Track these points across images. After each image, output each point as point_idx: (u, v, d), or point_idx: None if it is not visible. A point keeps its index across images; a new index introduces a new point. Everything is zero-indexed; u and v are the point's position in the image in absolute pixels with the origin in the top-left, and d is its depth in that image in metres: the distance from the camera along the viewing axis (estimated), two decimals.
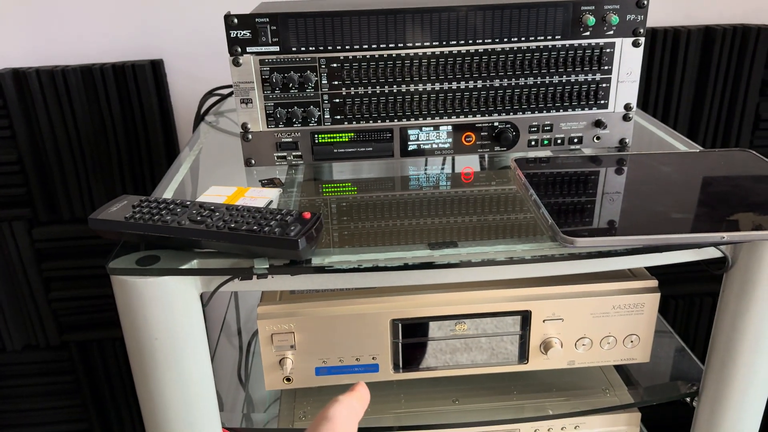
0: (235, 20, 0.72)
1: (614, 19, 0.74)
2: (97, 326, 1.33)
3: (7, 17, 1.15)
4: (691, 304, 1.40)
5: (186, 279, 0.58)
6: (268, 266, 0.58)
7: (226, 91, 1.09)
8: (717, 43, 1.22)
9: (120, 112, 1.18)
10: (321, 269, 0.58)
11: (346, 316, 0.69)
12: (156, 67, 1.17)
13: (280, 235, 0.56)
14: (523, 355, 0.73)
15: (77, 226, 1.24)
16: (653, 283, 0.71)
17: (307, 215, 0.60)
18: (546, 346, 0.72)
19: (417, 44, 0.75)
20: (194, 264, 0.58)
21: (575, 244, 0.58)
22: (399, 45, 0.75)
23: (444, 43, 0.75)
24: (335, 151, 0.80)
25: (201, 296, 0.62)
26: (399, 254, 0.59)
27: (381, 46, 0.75)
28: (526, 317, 0.70)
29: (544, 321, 0.71)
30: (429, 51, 0.75)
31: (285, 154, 0.80)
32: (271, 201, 0.70)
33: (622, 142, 0.81)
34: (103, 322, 1.33)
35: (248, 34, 0.73)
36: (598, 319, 0.71)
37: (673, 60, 1.23)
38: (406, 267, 0.58)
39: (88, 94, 1.16)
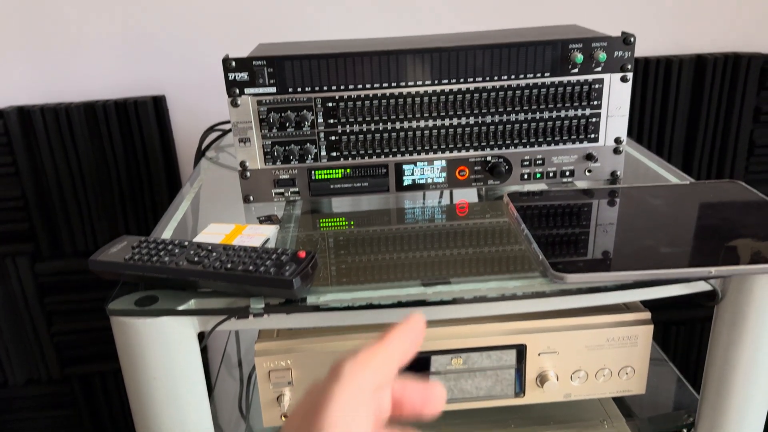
0: (233, 63, 0.74)
1: (602, 56, 0.76)
2: (98, 359, 1.34)
3: (12, 56, 1.18)
4: (692, 330, 1.41)
5: (183, 319, 0.60)
6: (263, 305, 0.59)
7: (226, 127, 1.11)
8: (709, 72, 1.24)
9: (122, 147, 1.20)
10: (316, 308, 0.59)
11: (343, 352, 0.69)
12: (158, 103, 1.20)
13: (275, 275, 0.57)
14: (520, 389, 0.73)
15: (80, 261, 1.26)
16: (646, 315, 0.72)
17: (302, 254, 0.61)
18: (542, 379, 0.72)
19: (410, 83, 0.77)
20: (191, 304, 0.59)
21: (565, 280, 0.59)
22: (392, 84, 0.77)
23: (437, 81, 0.77)
24: (332, 186, 0.81)
25: (199, 335, 0.63)
26: (393, 292, 0.60)
27: (375, 85, 0.77)
28: (521, 351, 0.71)
29: (539, 354, 0.71)
30: (422, 89, 0.77)
31: (282, 190, 0.81)
32: (268, 239, 0.71)
33: (613, 174, 0.82)
34: (104, 354, 1.33)
35: (246, 77, 0.75)
36: (592, 352, 0.72)
37: (666, 89, 1.25)
38: (399, 305, 0.59)
39: (91, 130, 1.18)
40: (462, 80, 0.77)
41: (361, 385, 0.28)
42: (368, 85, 0.77)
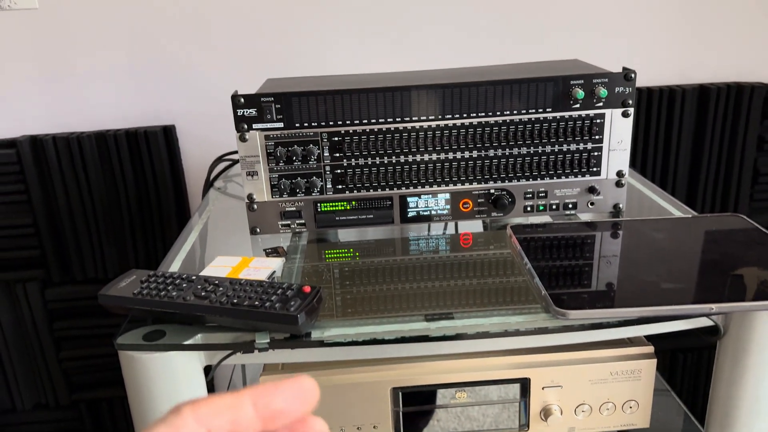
0: (242, 99, 0.76)
1: (603, 92, 0.77)
2: (106, 385, 1.35)
3: (25, 86, 1.21)
4: (699, 358, 1.40)
5: (190, 353, 0.61)
6: (268, 340, 0.60)
7: (235, 157, 1.13)
8: (712, 102, 1.25)
9: (132, 176, 1.22)
10: (320, 343, 0.60)
11: (347, 385, 0.70)
12: (168, 133, 1.22)
13: (280, 310, 0.58)
14: (524, 422, 0.73)
15: (89, 287, 1.27)
16: (649, 349, 0.72)
17: (307, 289, 0.62)
18: (546, 413, 0.72)
19: (415, 118, 0.78)
20: (198, 339, 0.60)
21: (568, 316, 0.60)
22: (397, 119, 0.78)
23: (441, 116, 0.78)
24: (337, 218, 0.83)
25: (205, 367, 0.63)
26: (396, 327, 0.61)
27: (380, 120, 0.78)
28: (525, 384, 0.71)
29: (543, 388, 0.72)
30: (426, 124, 0.78)
31: (289, 222, 0.83)
32: (275, 271, 0.72)
33: (616, 207, 0.83)
34: (112, 380, 1.34)
35: (254, 112, 0.77)
36: (596, 386, 0.72)
37: (669, 118, 1.26)
38: (403, 340, 0.60)
39: (102, 159, 1.20)
40: (465, 115, 0.78)
41: (184, 423, 0.26)
42: (373, 120, 0.78)
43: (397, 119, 0.78)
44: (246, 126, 0.77)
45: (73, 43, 1.19)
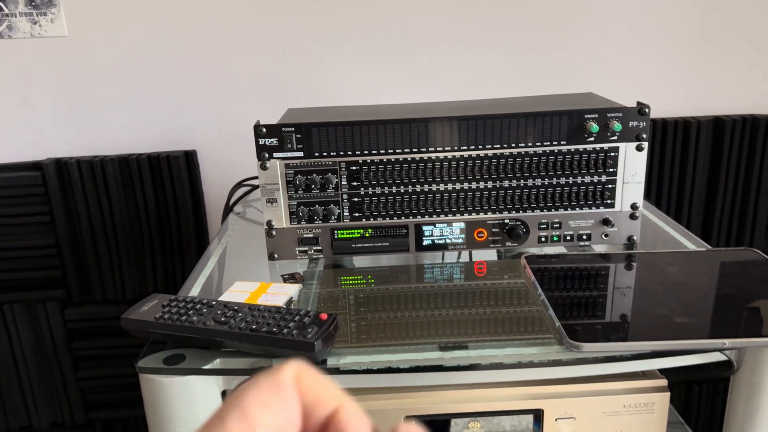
0: (264, 129, 0.78)
1: (617, 126, 0.78)
2: (122, 405, 1.36)
3: (52, 110, 1.24)
4: (714, 390, 1.38)
5: (209, 377, 0.62)
6: None
7: (254, 182, 1.15)
8: (727, 134, 1.26)
9: (154, 199, 1.24)
10: (336, 370, 0.61)
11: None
12: (189, 158, 1.24)
13: (297, 337, 0.60)
14: None
15: (108, 307, 1.29)
16: (663, 382, 0.72)
17: (324, 316, 0.63)
18: None
19: (431, 149, 0.80)
20: (217, 363, 0.61)
21: (582, 349, 0.60)
22: (414, 150, 0.80)
23: (457, 147, 0.80)
24: (353, 246, 0.84)
25: (223, 392, 0.65)
26: (410, 356, 0.62)
27: (397, 150, 0.80)
28: (538, 416, 0.72)
29: (556, 420, 0.72)
30: (442, 155, 0.80)
31: (306, 248, 0.84)
32: (292, 297, 0.74)
33: (630, 239, 0.83)
34: (128, 400, 1.35)
35: (275, 142, 0.79)
36: (609, 418, 0.72)
37: (684, 150, 1.27)
38: (417, 369, 0.61)
39: (125, 182, 1.23)
40: (481, 146, 0.80)
41: (285, 385, 0.25)
42: (390, 150, 0.80)
43: (414, 150, 0.80)
44: (267, 155, 0.79)
45: (100, 70, 1.23)
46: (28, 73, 1.22)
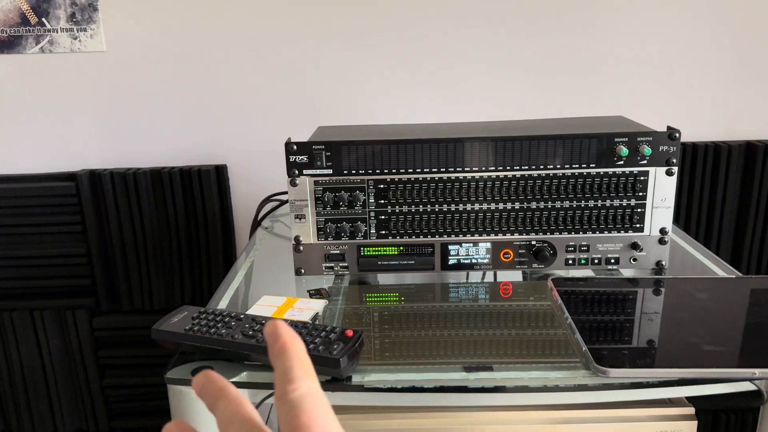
0: (295, 146, 0.80)
1: (647, 150, 0.78)
2: (145, 414, 1.37)
3: (87, 124, 1.28)
4: (743, 420, 1.35)
5: None
6: None
7: (282, 197, 1.16)
8: (759, 158, 1.24)
9: (184, 212, 1.27)
10: (360, 387, 0.62)
11: (384, 431, 0.71)
12: (220, 172, 1.27)
13: (323, 353, 0.60)
14: None
15: (135, 317, 1.31)
16: (690, 410, 0.71)
17: (350, 333, 0.63)
18: None
19: (459, 169, 0.80)
20: (244, 376, 0.62)
21: (609, 374, 0.60)
22: (441, 169, 0.80)
23: (485, 168, 0.80)
24: (379, 263, 0.85)
25: None
26: (435, 375, 0.62)
27: (425, 170, 0.81)
28: None
29: None
30: (470, 175, 0.80)
31: (332, 264, 0.85)
32: (318, 313, 0.75)
33: (658, 264, 0.83)
34: (151, 410, 1.37)
35: (305, 159, 0.80)
36: None
37: (715, 175, 1.25)
38: (441, 389, 0.61)
39: (156, 195, 1.26)
40: (509, 167, 0.80)
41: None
42: (418, 170, 0.81)
43: (442, 169, 0.81)
44: (297, 171, 0.81)
45: (135, 84, 1.26)
46: (66, 87, 1.26)
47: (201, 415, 0.62)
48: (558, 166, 0.80)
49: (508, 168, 0.80)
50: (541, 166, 0.80)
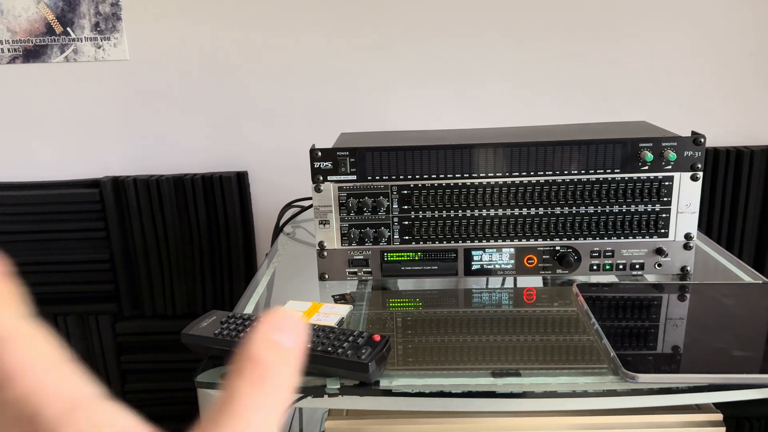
0: (319, 153, 0.80)
1: (672, 155, 0.78)
2: (168, 419, 1.38)
3: (111, 131, 1.29)
4: (767, 428, 1.34)
5: None
6: (339, 386, 0.62)
7: (305, 203, 1.17)
8: None
9: (206, 218, 1.28)
10: (388, 392, 0.62)
11: None
12: (241, 179, 1.28)
13: (351, 358, 0.61)
14: None
15: (158, 322, 1.33)
16: (717, 416, 0.71)
17: (377, 338, 0.64)
18: None
19: (482, 174, 0.81)
20: None
21: (637, 380, 0.60)
22: (465, 175, 0.81)
23: (508, 173, 0.80)
24: (402, 268, 0.85)
25: None
26: (462, 380, 0.62)
27: (448, 175, 0.81)
28: None
29: None
30: (493, 180, 0.81)
31: (356, 270, 0.85)
32: (343, 318, 0.75)
33: (683, 269, 0.82)
34: (174, 414, 1.37)
35: (330, 165, 0.81)
36: None
37: (737, 180, 1.25)
38: (469, 394, 0.61)
39: (178, 201, 1.27)
40: (532, 173, 0.80)
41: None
42: (441, 175, 0.81)
43: (465, 175, 0.81)
44: (321, 177, 0.81)
45: (158, 92, 1.27)
46: (90, 95, 1.28)
47: None
48: (582, 172, 0.80)
49: (531, 173, 0.80)
50: (566, 172, 0.80)
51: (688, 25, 1.23)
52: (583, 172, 0.80)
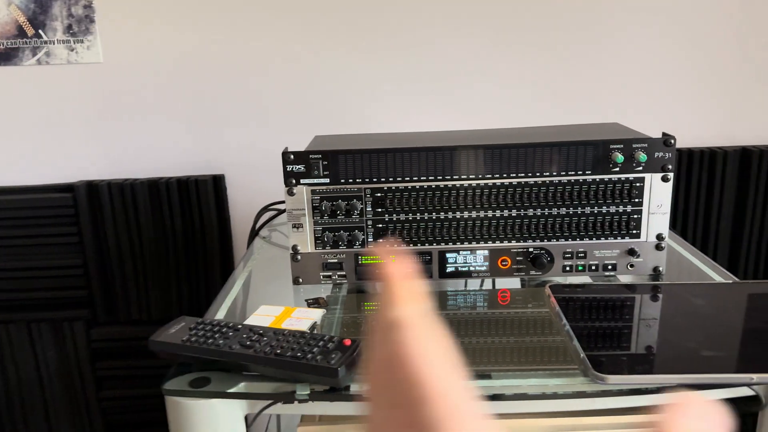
0: (292, 156, 0.80)
1: (642, 157, 0.78)
2: (143, 426, 1.37)
3: (85, 135, 1.28)
4: (743, 427, 1.35)
5: (233, 401, 0.62)
6: (309, 392, 0.61)
7: (282, 206, 1.16)
8: (754, 164, 1.25)
9: (181, 222, 1.26)
10: (359, 396, 0.61)
11: None
12: (217, 182, 1.27)
13: (321, 363, 0.60)
14: None
15: (133, 328, 1.31)
16: None
17: (348, 342, 0.63)
18: None
19: (455, 176, 0.81)
20: (241, 387, 0.62)
21: (607, 381, 0.60)
22: (438, 177, 0.81)
23: (481, 176, 0.80)
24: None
25: (245, 417, 0.65)
26: None
27: (422, 178, 0.81)
28: None
29: None
30: (467, 182, 0.81)
31: (330, 273, 0.85)
32: (316, 322, 0.74)
33: (655, 270, 0.83)
34: (149, 421, 1.36)
35: (302, 168, 0.80)
36: None
37: (711, 180, 1.26)
38: None
39: (153, 205, 1.26)
40: (506, 175, 0.80)
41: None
42: (415, 178, 0.81)
43: (439, 177, 0.81)
44: (294, 181, 0.81)
45: (132, 95, 1.26)
46: (63, 98, 1.26)
47: (197, 427, 0.62)
48: (554, 174, 0.80)
49: (504, 175, 0.80)
50: (538, 174, 0.80)
51: (662, 27, 1.24)
52: (555, 174, 0.80)
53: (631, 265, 0.83)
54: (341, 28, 1.23)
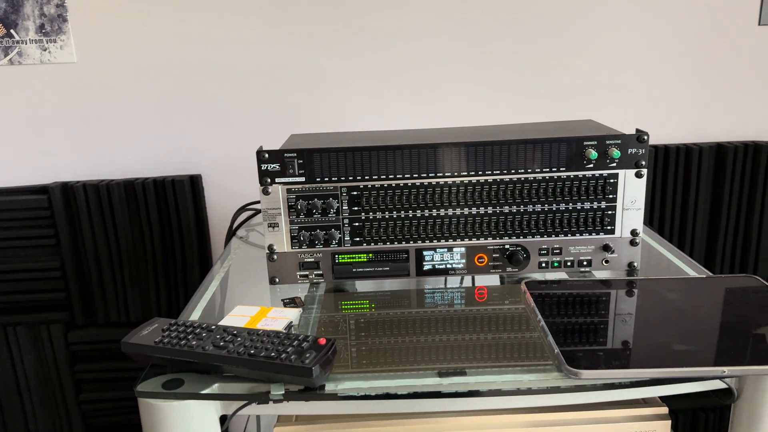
0: (267, 155, 0.79)
1: (615, 153, 0.79)
2: (123, 428, 1.35)
3: (59, 135, 1.26)
4: (720, 419, 1.37)
5: (207, 402, 0.62)
6: (283, 392, 0.61)
7: (258, 206, 1.16)
8: (729, 160, 1.26)
9: (158, 223, 1.25)
10: (334, 396, 0.61)
11: None
12: (194, 182, 1.26)
13: (295, 362, 0.60)
14: None
15: (111, 330, 1.30)
16: (663, 410, 0.72)
17: (323, 341, 0.63)
18: None
19: (431, 174, 0.81)
20: (215, 388, 0.62)
21: (580, 376, 0.60)
22: (414, 175, 0.81)
23: (457, 173, 0.81)
24: (354, 270, 0.84)
25: (221, 418, 0.65)
26: (409, 381, 0.62)
27: (398, 176, 0.81)
28: None
29: None
30: (443, 180, 0.81)
31: (307, 273, 0.85)
32: (291, 322, 0.74)
33: (630, 265, 0.83)
34: (128, 423, 1.35)
35: (277, 167, 0.80)
36: None
37: (687, 177, 1.27)
38: (415, 395, 0.61)
39: (130, 206, 1.25)
40: (481, 172, 0.80)
41: None
42: (391, 176, 0.81)
43: (414, 175, 0.81)
44: (269, 180, 0.80)
45: (107, 95, 1.25)
46: (36, 99, 1.25)
47: (171, 429, 0.61)
48: (529, 171, 0.80)
49: (480, 173, 0.80)
50: (513, 171, 0.80)
51: (637, 25, 1.25)
52: (530, 170, 0.80)
53: (606, 261, 0.83)
54: (314, 28, 1.23)
